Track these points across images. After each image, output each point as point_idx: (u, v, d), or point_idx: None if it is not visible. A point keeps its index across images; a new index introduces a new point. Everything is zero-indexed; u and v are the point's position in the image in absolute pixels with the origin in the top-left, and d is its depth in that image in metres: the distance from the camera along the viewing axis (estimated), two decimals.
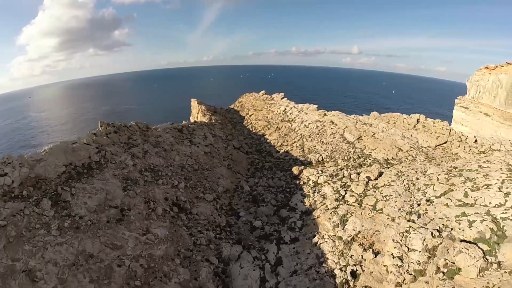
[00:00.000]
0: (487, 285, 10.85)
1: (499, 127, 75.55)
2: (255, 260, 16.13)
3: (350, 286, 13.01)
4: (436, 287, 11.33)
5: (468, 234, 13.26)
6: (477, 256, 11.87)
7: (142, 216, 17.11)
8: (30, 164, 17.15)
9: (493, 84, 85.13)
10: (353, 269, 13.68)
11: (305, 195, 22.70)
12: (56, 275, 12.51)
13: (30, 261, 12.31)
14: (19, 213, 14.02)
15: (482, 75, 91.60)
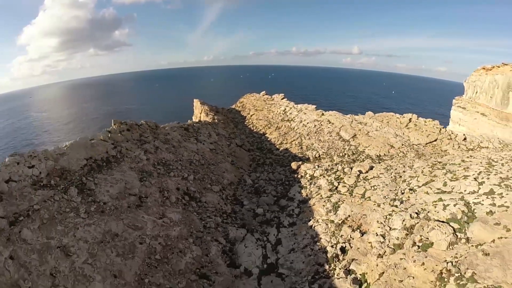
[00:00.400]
0: (455, 255, 13.14)
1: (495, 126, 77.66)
2: (257, 241, 18.42)
3: (340, 259, 15.30)
4: (412, 257, 13.60)
5: (441, 215, 15.54)
6: (447, 232, 14.16)
7: (158, 203, 19.42)
8: (54, 157, 19.42)
9: (489, 85, 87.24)
10: (342, 246, 15.97)
11: (302, 186, 25.02)
12: (87, 250, 14.83)
13: (63, 239, 14.61)
14: (50, 199, 16.29)
15: (479, 76, 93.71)
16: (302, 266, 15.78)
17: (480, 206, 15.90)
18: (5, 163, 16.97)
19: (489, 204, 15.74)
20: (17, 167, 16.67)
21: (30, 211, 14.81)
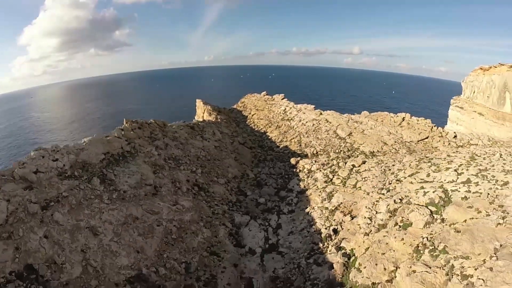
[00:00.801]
0: (430, 232, 15.43)
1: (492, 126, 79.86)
2: (260, 225, 20.74)
3: (332, 239, 17.59)
4: (393, 234, 15.88)
5: (421, 200, 17.84)
6: (425, 213, 16.45)
7: (171, 192, 21.73)
8: (75, 152, 21.74)
9: (486, 85, 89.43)
10: (334, 228, 18.27)
11: (300, 179, 27.33)
12: (112, 230, 17.16)
13: (91, 221, 16.94)
14: (76, 188, 18.59)
15: (477, 76, 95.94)
16: (299, 245, 18.10)
17: (457, 193, 18.18)
18: (31, 157, 19.25)
19: (465, 191, 18.01)
20: (42, 160, 18.94)
21: (59, 197, 17.09)
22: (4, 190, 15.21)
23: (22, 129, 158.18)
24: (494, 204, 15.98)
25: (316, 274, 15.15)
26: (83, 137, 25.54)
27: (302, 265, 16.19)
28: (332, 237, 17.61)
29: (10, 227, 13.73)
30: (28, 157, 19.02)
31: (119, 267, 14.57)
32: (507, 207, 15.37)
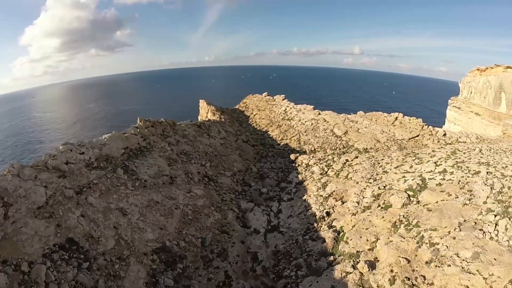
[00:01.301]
0: (406, 212, 18.44)
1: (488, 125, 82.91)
2: (263, 211, 23.81)
3: (325, 219, 20.65)
4: (375, 214, 18.90)
5: (401, 187, 20.88)
6: (403, 197, 19.49)
7: (185, 182, 24.81)
8: (98, 146, 24.81)
9: (483, 85, 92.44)
10: (327, 211, 21.32)
11: (299, 173, 30.38)
12: (138, 211, 20.22)
13: (119, 204, 20.00)
14: (103, 177, 21.66)
15: (474, 77, 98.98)
16: (297, 225, 21.15)
17: (432, 180, 21.22)
18: (59, 150, 22.30)
19: (440, 179, 21.03)
20: (70, 153, 22.00)
21: (90, 184, 20.16)
22: (40, 178, 18.22)
23: (25, 128, 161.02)
24: (464, 189, 18.99)
25: (311, 247, 18.20)
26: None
27: (299, 241, 19.25)
28: (325, 218, 20.66)
29: (50, 208, 16.67)
30: (57, 151, 22.05)
31: (146, 241, 17.61)
32: (475, 191, 18.39)
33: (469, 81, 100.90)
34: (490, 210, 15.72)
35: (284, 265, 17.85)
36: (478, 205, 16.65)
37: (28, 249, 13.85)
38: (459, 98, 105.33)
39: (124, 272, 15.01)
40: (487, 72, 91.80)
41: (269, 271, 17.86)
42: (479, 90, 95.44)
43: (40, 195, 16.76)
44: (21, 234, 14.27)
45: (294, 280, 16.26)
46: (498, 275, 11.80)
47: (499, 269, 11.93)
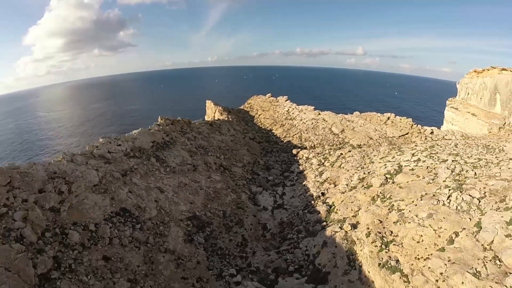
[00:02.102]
0: (383, 189, 23.63)
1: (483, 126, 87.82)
2: (270, 194, 29.15)
3: (320, 198, 25.95)
4: (359, 191, 24.12)
5: (381, 171, 26.11)
6: (381, 179, 24.70)
7: (205, 170, 30.16)
8: (131, 140, 30.09)
9: (480, 87, 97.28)
10: (322, 192, 26.61)
11: (300, 164, 35.67)
12: (172, 190, 25.52)
13: (157, 184, 25.32)
14: (140, 164, 26.96)
15: (471, 78, 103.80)
16: (298, 203, 26.46)
17: (407, 167, 26.43)
18: (100, 142, 27.57)
19: (414, 165, 26.25)
20: (110, 145, 27.28)
21: (132, 169, 25.44)
22: (90, 163, 23.44)
23: (31, 127, 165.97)
24: (431, 172, 24.20)
25: (309, 218, 23.49)
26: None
27: (300, 214, 24.55)
28: (320, 197, 25.93)
29: (104, 186, 21.87)
30: (98, 143, 27.33)
31: (180, 211, 22.92)
32: (439, 174, 23.57)
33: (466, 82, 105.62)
34: (447, 186, 20.89)
35: (288, 231, 23.17)
36: (438, 183, 21.83)
37: (92, 215, 18.98)
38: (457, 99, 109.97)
39: (167, 232, 20.28)
40: (483, 74, 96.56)
41: (276, 236, 23.17)
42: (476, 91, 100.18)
43: (93, 176, 21.97)
44: (84, 204, 19.41)
45: (296, 241, 21.55)
46: (445, 227, 16.94)
47: (446, 224, 17.09)
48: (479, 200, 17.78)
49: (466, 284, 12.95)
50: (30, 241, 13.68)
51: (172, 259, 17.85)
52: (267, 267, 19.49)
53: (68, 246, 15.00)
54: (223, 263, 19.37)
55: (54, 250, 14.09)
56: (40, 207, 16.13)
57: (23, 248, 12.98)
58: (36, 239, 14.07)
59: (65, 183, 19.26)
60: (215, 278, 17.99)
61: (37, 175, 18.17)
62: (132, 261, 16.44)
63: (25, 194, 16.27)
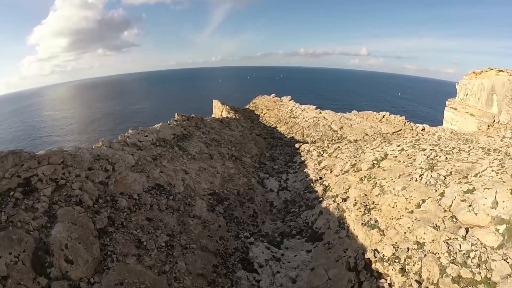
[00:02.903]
0: (370, 172, 28.66)
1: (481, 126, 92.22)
2: (276, 179, 34.34)
3: (318, 181, 31.02)
4: (350, 174, 29.17)
5: (369, 159, 31.17)
6: (369, 164, 29.76)
7: (219, 158, 35.35)
8: (155, 132, 35.28)
9: (478, 87, 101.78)
10: (320, 176, 31.70)
11: (301, 156, 40.83)
12: (194, 172, 30.72)
13: (182, 167, 30.53)
14: (166, 152, 32.14)
15: (469, 79, 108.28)
16: (299, 186, 31.60)
17: (392, 154, 31.43)
18: (130, 133, 32.74)
19: (397, 153, 31.22)
20: (138, 135, 32.48)
21: (160, 155, 30.61)
22: (125, 150, 28.58)
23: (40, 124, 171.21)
24: (410, 158, 29.18)
25: (308, 196, 28.62)
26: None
27: (301, 193, 29.71)
28: (318, 181, 31.04)
29: (140, 167, 26.97)
30: (129, 134, 32.51)
31: (203, 188, 28.11)
32: (416, 159, 28.52)
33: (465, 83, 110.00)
34: (420, 167, 25.87)
35: (291, 207, 28.35)
36: (415, 166, 26.82)
37: (134, 188, 24.06)
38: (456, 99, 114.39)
39: (194, 203, 25.44)
40: (481, 75, 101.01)
41: (281, 211, 28.33)
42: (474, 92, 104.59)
43: (130, 159, 27.12)
44: (126, 180, 24.48)
45: (297, 213, 26.71)
46: (414, 196, 21.91)
47: (415, 194, 22.06)
48: (445, 177, 22.74)
49: (427, 234, 17.86)
50: (88, 205, 18.27)
51: (199, 223, 23.00)
52: (274, 232, 24.64)
53: (118, 209, 19.94)
54: (239, 228, 24.52)
55: (107, 212, 18.79)
56: (91, 181, 21.11)
57: (83, 210, 17.39)
58: (92, 203, 18.73)
59: (109, 163, 24.20)
60: (233, 238, 23.12)
61: (84, 156, 23.06)
62: (169, 222, 21.57)
63: (77, 171, 20.91)
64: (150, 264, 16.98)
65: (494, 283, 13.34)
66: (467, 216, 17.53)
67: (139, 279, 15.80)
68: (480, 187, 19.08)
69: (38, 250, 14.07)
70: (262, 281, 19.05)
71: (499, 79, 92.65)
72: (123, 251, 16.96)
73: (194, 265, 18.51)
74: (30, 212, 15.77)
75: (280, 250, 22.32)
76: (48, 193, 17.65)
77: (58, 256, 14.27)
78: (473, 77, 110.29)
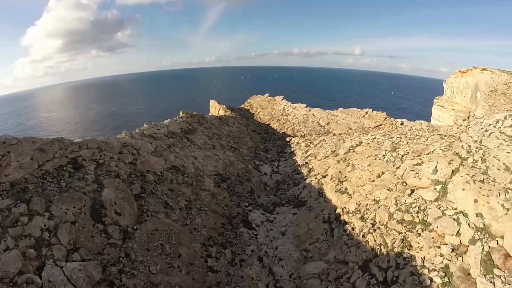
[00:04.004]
0: (346, 156, 35.38)
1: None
2: (269, 165, 40.92)
3: (304, 165, 37.65)
4: (330, 158, 35.80)
5: (346, 146, 37.86)
6: (346, 150, 36.49)
7: (221, 148, 41.83)
8: (166, 126, 41.63)
9: (463, 85, 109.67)
10: (306, 162, 38.36)
11: (291, 147, 47.51)
12: (201, 158, 37.17)
13: (192, 154, 37.04)
14: (176, 142, 38.56)
15: (456, 78, 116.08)
16: (289, 170, 38.23)
17: (366, 141, 38.11)
18: (145, 127, 39.01)
19: (370, 141, 37.92)
20: (152, 129, 38.81)
21: (172, 144, 36.95)
22: (144, 139, 34.92)
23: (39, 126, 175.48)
24: (379, 144, 35.88)
25: (295, 177, 35.25)
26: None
27: (290, 175, 36.36)
28: (304, 165, 37.67)
29: (158, 153, 33.25)
30: (145, 127, 38.79)
31: (209, 170, 34.52)
32: (384, 144, 35.20)
33: (451, 82, 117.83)
34: (385, 150, 32.54)
35: (281, 186, 34.92)
36: (381, 149, 33.49)
37: (156, 167, 30.28)
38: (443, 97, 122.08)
39: (203, 180, 31.82)
40: (467, 74, 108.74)
41: (273, 188, 34.91)
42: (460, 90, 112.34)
43: (150, 146, 33.28)
44: (150, 161, 30.33)
45: (286, 189, 33.33)
46: (376, 170, 28.53)
47: (377, 168, 28.49)
48: (402, 156, 29.37)
49: (382, 194, 24.24)
50: (123, 178, 24.54)
51: (209, 194, 29.45)
52: (268, 203, 31.22)
53: (147, 182, 26.23)
54: (240, 200, 31.03)
55: (139, 183, 25.28)
56: (122, 162, 27.41)
57: (121, 181, 24.01)
58: (126, 177, 24.98)
59: (134, 149, 30.38)
60: (236, 206, 29.58)
61: (114, 143, 29.16)
62: (186, 192, 27.94)
63: (111, 154, 27.05)
64: (175, 218, 23.39)
65: (428, 223, 19.68)
66: (413, 180, 24.06)
67: (168, 228, 22.17)
68: (426, 161, 25.71)
69: (95, 205, 20.29)
70: (258, 234, 25.57)
71: (482, 77, 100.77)
72: (154, 209, 23.34)
73: (207, 221, 24.97)
74: (82, 181, 21.92)
75: (273, 215, 28.88)
76: (92, 169, 23.83)
77: (110, 209, 20.55)
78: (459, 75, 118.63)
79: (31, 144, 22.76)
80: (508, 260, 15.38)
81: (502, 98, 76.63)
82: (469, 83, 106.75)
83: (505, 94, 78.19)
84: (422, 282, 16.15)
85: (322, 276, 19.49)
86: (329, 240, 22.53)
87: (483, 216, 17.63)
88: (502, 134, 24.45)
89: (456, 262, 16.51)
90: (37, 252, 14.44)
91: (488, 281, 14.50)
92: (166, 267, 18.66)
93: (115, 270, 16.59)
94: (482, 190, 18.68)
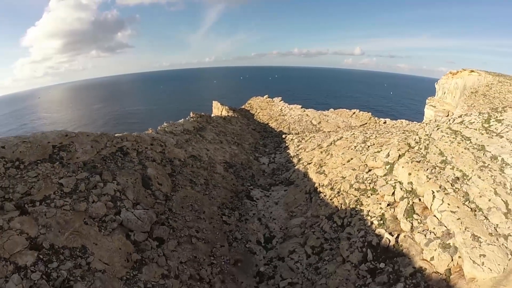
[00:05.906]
0: (327, 148, 45.05)
1: None
2: (266, 157, 50.62)
3: (295, 156, 47.33)
4: (316, 150, 45.49)
5: (330, 141, 47.49)
6: (328, 143, 46.11)
7: (227, 143, 51.49)
8: (181, 125, 51.38)
9: (453, 86, 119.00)
10: (297, 154, 48.04)
11: (286, 143, 57.27)
12: (212, 150, 46.78)
13: (205, 146, 46.76)
14: (192, 137, 48.27)
15: (447, 79, 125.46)
16: (283, 160, 47.93)
17: (345, 137, 47.74)
18: (165, 126, 48.72)
19: (349, 136, 47.54)
20: (172, 127, 48.56)
21: (189, 139, 46.65)
22: (166, 135, 44.55)
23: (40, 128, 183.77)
24: (354, 137, 45.55)
25: (288, 166, 44.98)
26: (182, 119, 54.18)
27: (283, 164, 46.10)
28: (295, 156, 47.33)
29: (179, 145, 42.64)
30: (165, 126, 48.45)
31: (219, 159, 44.13)
32: (358, 138, 44.86)
33: (443, 83, 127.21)
34: (357, 142, 42.12)
35: (276, 172, 44.59)
36: (356, 142, 43.03)
37: (180, 156, 39.97)
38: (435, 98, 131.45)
39: (215, 166, 41.37)
40: (457, 75, 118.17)
41: (270, 174, 44.55)
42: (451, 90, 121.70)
43: (172, 140, 42.82)
44: (174, 151, 40.22)
45: (280, 174, 42.98)
46: (347, 157, 38.14)
47: (348, 155, 38.23)
48: (369, 146, 39.02)
49: (348, 172, 33.97)
50: (158, 162, 34.50)
51: (220, 176, 39.08)
52: (265, 184, 40.89)
53: (174, 165, 35.83)
54: (243, 181, 40.66)
55: (169, 166, 35.00)
56: (154, 151, 37.08)
57: (157, 164, 33.72)
58: (160, 161, 34.93)
59: (161, 142, 39.98)
60: (240, 185, 39.20)
61: (145, 137, 38.65)
62: (203, 174, 37.58)
63: (145, 145, 36.76)
64: (198, 190, 33.06)
65: (376, 190, 29.23)
66: (372, 162, 33.63)
67: (194, 196, 31.80)
68: (384, 149, 35.35)
69: (144, 178, 29.87)
70: (258, 204, 35.25)
71: (470, 79, 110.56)
72: (183, 183, 32.97)
73: (220, 193, 34.66)
74: (131, 163, 31.48)
75: (269, 192, 38.56)
76: (135, 155, 33.35)
77: (154, 181, 30.13)
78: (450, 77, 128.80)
79: (86, 137, 32.35)
80: (425, 210, 24.95)
81: (481, 99, 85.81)
82: (458, 84, 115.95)
83: (485, 95, 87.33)
84: (366, 224, 25.72)
85: (302, 225, 29.13)
86: (308, 204, 32.22)
87: (412, 183, 27.01)
88: (448, 129, 33.79)
89: (389, 211, 26.07)
90: (114, 204, 23.81)
91: (408, 222, 24.01)
92: (196, 218, 28.30)
93: (164, 217, 26.21)
94: (416, 167, 28.02)
